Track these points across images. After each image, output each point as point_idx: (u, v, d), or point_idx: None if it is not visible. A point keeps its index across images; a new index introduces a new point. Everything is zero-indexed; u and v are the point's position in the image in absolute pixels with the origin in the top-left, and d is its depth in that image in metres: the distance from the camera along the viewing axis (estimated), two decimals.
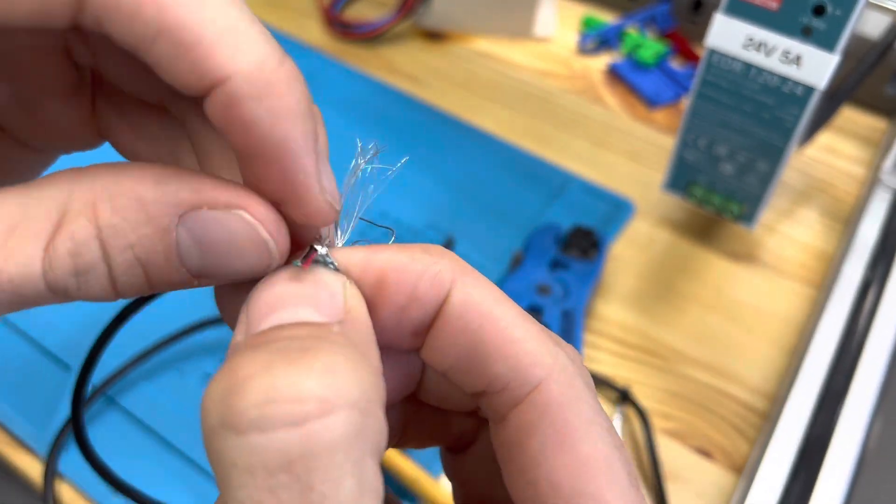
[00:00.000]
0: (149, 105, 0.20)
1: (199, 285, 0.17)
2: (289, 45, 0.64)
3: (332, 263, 0.17)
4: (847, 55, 0.49)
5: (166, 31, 0.14)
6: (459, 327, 0.17)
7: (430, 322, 0.17)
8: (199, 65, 0.15)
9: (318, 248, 0.17)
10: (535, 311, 0.44)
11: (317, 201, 0.16)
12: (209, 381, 0.14)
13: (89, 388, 0.41)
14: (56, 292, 0.15)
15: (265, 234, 0.16)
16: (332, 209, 0.17)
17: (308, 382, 0.13)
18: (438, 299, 0.17)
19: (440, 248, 0.18)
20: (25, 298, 0.15)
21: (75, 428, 0.29)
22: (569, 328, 0.43)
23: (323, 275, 0.17)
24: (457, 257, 0.18)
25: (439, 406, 0.20)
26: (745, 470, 0.41)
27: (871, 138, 0.58)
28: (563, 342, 0.18)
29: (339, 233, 0.18)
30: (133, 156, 0.20)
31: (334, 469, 0.13)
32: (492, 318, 0.17)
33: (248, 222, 0.16)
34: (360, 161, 0.18)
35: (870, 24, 0.52)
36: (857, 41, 0.52)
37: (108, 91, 0.20)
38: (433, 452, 0.40)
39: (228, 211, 0.16)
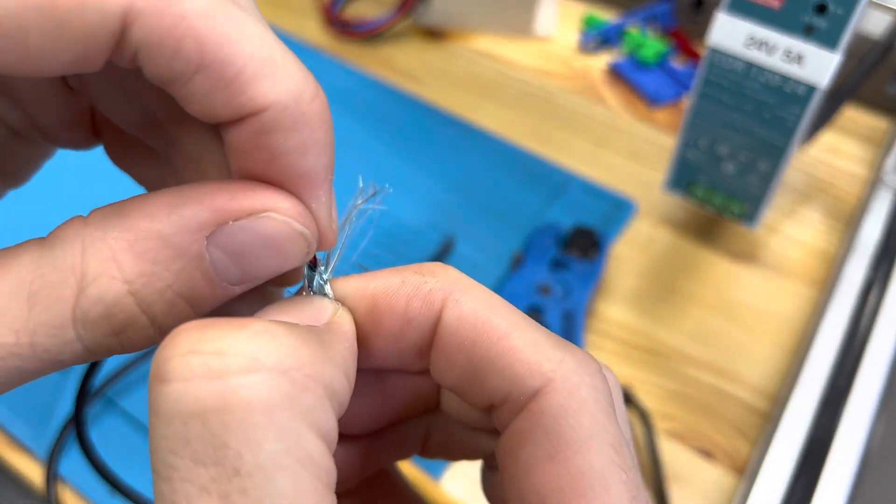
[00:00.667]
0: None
1: (243, 290, 0.16)
2: (288, 44, 0.63)
3: (327, 293, 0.17)
4: (849, 54, 0.49)
5: (207, 67, 0.14)
6: (455, 344, 0.17)
7: (429, 342, 0.17)
8: (236, 97, 0.14)
9: (317, 277, 0.17)
10: (535, 312, 0.44)
11: (324, 230, 0.16)
12: None
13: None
14: (97, 354, 0.15)
15: (299, 227, 0.16)
16: (335, 238, 0.17)
17: (237, 340, 0.13)
18: (431, 319, 0.17)
19: (432, 266, 0.17)
20: (66, 363, 0.15)
21: (77, 429, 0.29)
22: (569, 328, 0.43)
23: (316, 299, 0.17)
24: (451, 272, 0.17)
25: (461, 422, 0.20)
26: (746, 471, 0.41)
27: (873, 138, 0.58)
28: (575, 348, 0.17)
29: (327, 263, 0.18)
30: (131, 167, 0.20)
31: (252, 430, 0.13)
32: (485, 331, 0.16)
33: (280, 221, 0.16)
34: (360, 200, 0.18)
35: (872, 23, 0.52)
36: (859, 40, 0.52)
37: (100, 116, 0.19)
38: None
39: (256, 217, 0.15)
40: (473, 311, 0.16)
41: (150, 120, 0.18)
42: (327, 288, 0.17)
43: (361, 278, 0.17)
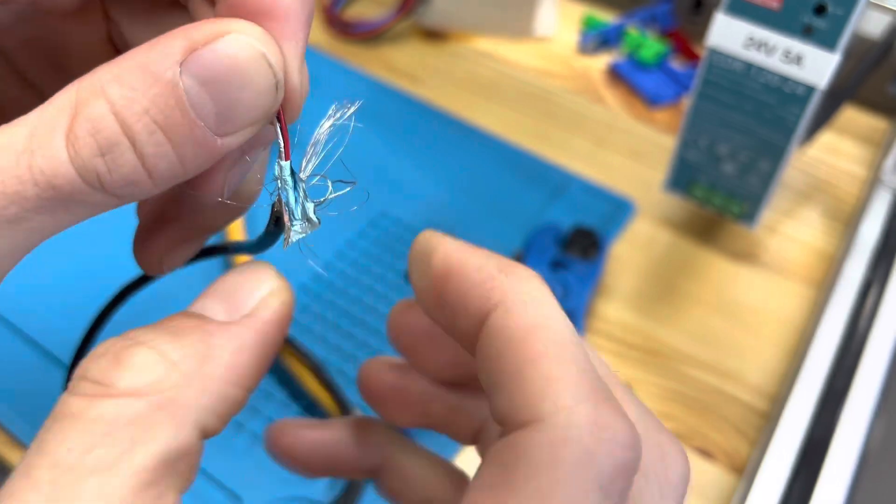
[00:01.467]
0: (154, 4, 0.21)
1: (224, 148, 0.17)
2: None
3: (294, 214, 0.18)
4: (848, 55, 0.49)
5: None
6: (483, 351, 0.17)
7: (476, 335, 0.17)
8: None
9: (291, 193, 0.18)
10: None
11: (291, 79, 0.17)
12: None
13: None
14: (89, 181, 0.16)
15: (261, 48, 0.16)
16: (301, 99, 0.18)
17: (117, 376, 0.17)
18: (481, 316, 0.17)
19: (516, 267, 0.17)
20: (63, 192, 0.15)
21: None
22: None
23: (257, 274, 0.19)
24: (526, 278, 0.17)
25: None
26: (745, 470, 0.41)
27: (873, 138, 0.58)
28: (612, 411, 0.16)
29: (296, 196, 0.18)
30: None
31: (89, 436, 0.16)
32: (513, 350, 0.16)
33: (242, 41, 0.16)
34: (335, 115, 0.19)
35: (871, 23, 0.52)
36: (859, 41, 0.52)
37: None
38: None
39: (221, 39, 0.16)
40: (517, 325, 0.16)
41: None
42: (298, 209, 0.18)
43: (461, 244, 0.18)
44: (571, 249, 0.46)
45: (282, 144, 0.17)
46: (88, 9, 0.21)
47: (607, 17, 0.66)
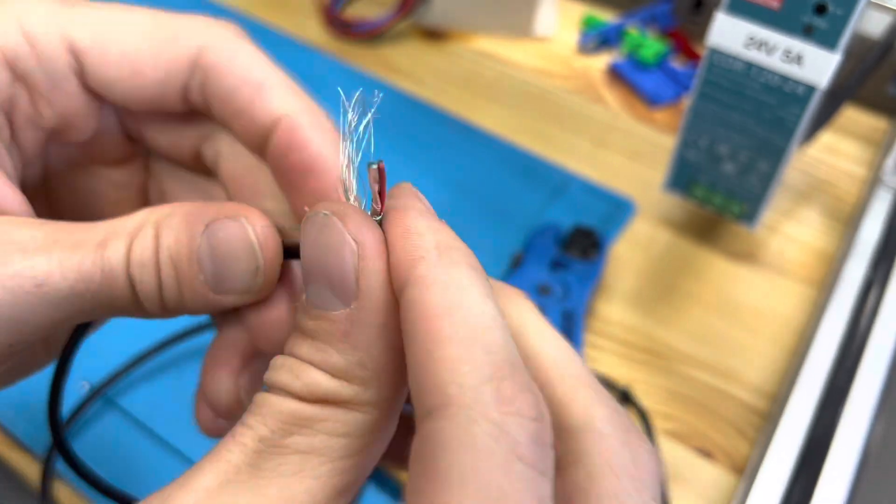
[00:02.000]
0: (183, 165, 0.25)
1: (215, 304, 0.20)
2: (288, 45, 0.64)
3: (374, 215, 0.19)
4: (849, 54, 0.49)
5: (247, 108, 0.22)
6: (402, 317, 0.18)
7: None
8: (265, 106, 0.21)
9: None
10: None
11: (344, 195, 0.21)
12: None
13: (88, 388, 0.41)
14: (131, 283, 0.19)
15: (252, 237, 0.20)
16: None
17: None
18: (401, 281, 0.17)
19: (454, 251, 0.18)
20: (114, 284, 0.19)
21: (54, 433, 0.28)
22: (569, 328, 0.43)
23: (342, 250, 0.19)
24: (457, 262, 0.18)
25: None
26: (746, 470, 0.41)
27: (873, 138, 0.58)
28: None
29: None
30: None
31: None
32: (424, 328, 0.17)
33: (242, 226, 0.20)
34: (351, 113, 0.21)
35: (872, 23, 0.52)
36: (859, 40, 0.52)
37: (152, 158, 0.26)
38: None
39: (233, 219, 0.20)
40: (432, 303, 0.17)
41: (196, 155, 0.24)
42: (354, 204, 0.19)
43: (420, 207, 0.19)
44: (571, 250, 0.46)
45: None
46: (132, 160, 0.25)
47: (607, 17, 0.66)
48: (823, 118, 0.48)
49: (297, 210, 0.22)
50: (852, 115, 0.59)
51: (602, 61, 0.63)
